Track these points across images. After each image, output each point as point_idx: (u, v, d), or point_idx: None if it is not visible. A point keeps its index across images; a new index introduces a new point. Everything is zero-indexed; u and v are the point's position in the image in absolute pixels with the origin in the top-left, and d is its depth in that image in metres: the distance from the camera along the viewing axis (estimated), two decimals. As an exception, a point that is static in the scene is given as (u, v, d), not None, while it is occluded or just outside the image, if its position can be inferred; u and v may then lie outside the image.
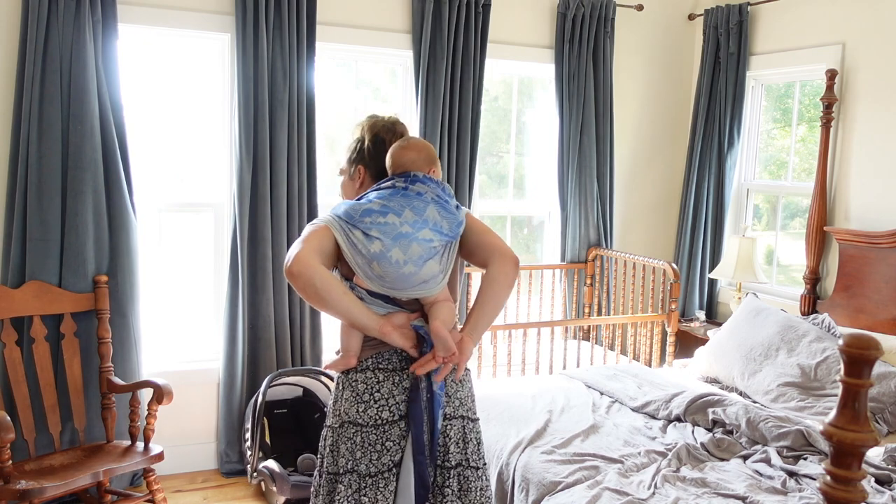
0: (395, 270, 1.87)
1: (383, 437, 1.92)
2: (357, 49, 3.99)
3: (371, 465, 1.92)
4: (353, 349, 1.97)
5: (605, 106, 4.44)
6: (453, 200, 2.02)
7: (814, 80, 4.19)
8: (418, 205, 1.93)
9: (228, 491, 3.64)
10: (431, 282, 1.91)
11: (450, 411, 1.99)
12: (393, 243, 1.88)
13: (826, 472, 1.21)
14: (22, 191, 3.23)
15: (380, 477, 1.93)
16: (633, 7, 4.50)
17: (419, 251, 1.89)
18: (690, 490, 2.41)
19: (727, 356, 3.57)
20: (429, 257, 1.90)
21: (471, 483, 2.01)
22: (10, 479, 2.72)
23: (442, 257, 1.94)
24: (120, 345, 3.43)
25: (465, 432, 2.02)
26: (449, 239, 1.96)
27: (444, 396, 1.98)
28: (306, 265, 1.81)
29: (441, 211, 1.95)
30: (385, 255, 1.87)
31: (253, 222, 3.65)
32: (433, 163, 2.06)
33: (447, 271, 1.96)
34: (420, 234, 1.90)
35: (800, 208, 4.35)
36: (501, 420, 2.96)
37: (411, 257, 1.88)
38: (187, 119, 3.83)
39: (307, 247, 1.85)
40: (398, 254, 1.87)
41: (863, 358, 1.17)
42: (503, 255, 1.95)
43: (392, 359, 1.96)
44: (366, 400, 1.94)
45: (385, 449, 1.93)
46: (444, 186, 2.02)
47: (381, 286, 1.91)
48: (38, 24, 3.16)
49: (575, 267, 4.54)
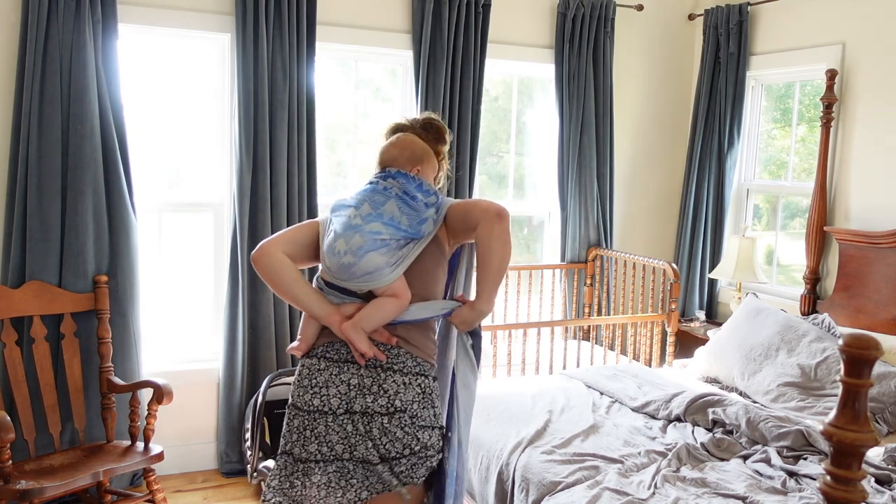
0: (336, 260, 1.96)
1: (312, 425, 1.96)
2: (357, 49, 3.99)
3: (301, 450, 1.97)
4: (306, 336, 2.04)
5: (605, 106, 4.44)
6: (432, 198, 2.03)
7: (814, 80, 4.19)
8: (378, 199, 2.00)
9: (228, 491, 3.64)
10: (376, 273, 1.93)
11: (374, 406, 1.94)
12: (341, 234, 1.97)
13: (826, 472, 1.21)
14: (22, 191, 3.23)
15: (307, 465, 1.96)
16: (633, 7, 4.50)
17: (360, 242, 1.94)
18: (690, 490, 2.41)
19: (727, 356, 3.57)
20: (371, 249, 1.93)
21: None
22: (10, 479, 2.72)
23: (393, 251, 1.95)
24: (120, 345, 3.43)
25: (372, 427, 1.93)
26: (407, 234, 1.97)
27: (365, 387, 1.95)
28: (264, 252, 1.97)
29: (403, 207, 1.98)
30: (332, 246, 1.97)
31: (253, 222, 3.65)
32: (418, 162, 2.09)
33: (397, 265, 1.95)
34: (368, 226, 1.95)
35: (800, 208, 4.35)
36: (501, 420, 2.96)
37: (351, 248, 1.94)
38: (187, 119, 3.83)
39: (276, 237, 2.03)
40: (342, 244, 1.96)
41: (863, 358, 1.17)
42: (484, 212, 1.93)
43: (341, 350, 1.99)
44: (304, 385, 1.99)
45: (313, 436, 1.95)
46: (422, 184, 2.04)
47: (332, 276, 1.99)
48: (38, 24, 3.16)
49: (575, 267, 4.54)
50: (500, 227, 1.91)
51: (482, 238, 1.93)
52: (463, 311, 2.04)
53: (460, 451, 2.02)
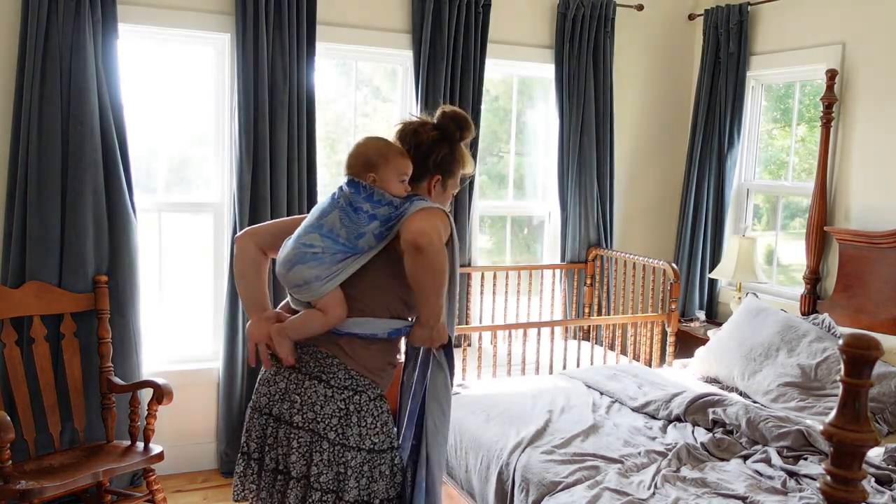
0: (277, 269, 1.99)
1: (252, 423, 2.01)
2: (357, 49, 3.99)
3: (246, 445, 2.02)
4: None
5: (605, 106, 4.44)
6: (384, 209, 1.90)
7: (814, 80, 4.19)
8: (326, 209, 1.95)
9: (228, 491, 3.64)
10: (305, 287, 1.90)
11: (297, 418, 1.92)
12: (287, 243, 1.98)
13: (826, 472, 1.21)
14: (22, 191, 3.23)
15: (251, 460, 2.01)
16: (633, 7, 4.49)
17: (290, 255, 1.94)
18: (690, 490, 2.41)
19: (727, 356, 3.56)
20: (298, 262, 1.90)
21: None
22: (10, 479, 2.72)
23: (327, 265, 1.88)
24: (120, 345, 3.43)
25: (312, 448, 1.90)
26: (345, 249, 1.89)
27: (284, 395, 1.96)
28: (237, 239, 2.07)
29: (344, 218, 1.90)
30: (279, 254, 2.00)
31: (253, 222, 3.64)
32: (371, 168, 1.93)
33: (329, 279, 1.88)
34: (305, 237, 1.93)
35: (800, 208, 4.35)
36: (501, 420, 2.96)
37: (284, 259, 1.95)
38: (187, 119, 3.83)
39: (257, 226, 2.13)
40: (281, 253, 1.98)
41: (863, 358, 1.17)
42: (405, 244, 1.81)
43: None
44: (258, 382, 2.05)
45: (247, 433, 2.01)
46: (373, 194, 1.90)
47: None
48: (38, 24, 3.16)
49: (575, 267, 4.54)
50: (421, 258, 1.79)
51: (407, 267, 1.82)
52: (415, 331, 1.93)
53: (429, 465, 1.95)
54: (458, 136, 2.04)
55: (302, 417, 1.90)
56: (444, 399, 1.99)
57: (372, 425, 1.90)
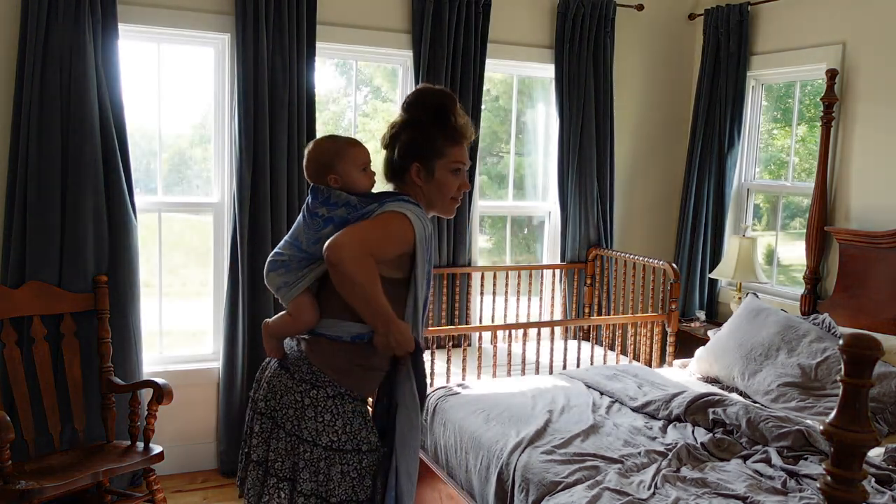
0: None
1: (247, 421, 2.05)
2: (357, 49, 3.99)
3: (244, 441, 2.04)
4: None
5: (605, 106, 4.44)
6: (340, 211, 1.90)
7: (814, 80, 4.19)
8: (298, 217, 2.01)
9: (228, 491, 3.64)
10: (278, 293, 2.00)
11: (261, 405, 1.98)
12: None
13: (826, 473, 1.21)
14: (22, 191, 3.23)
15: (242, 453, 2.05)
16: (633, 7, 4.49)
17: (267, 264, 2.02)
18: (691, 490, 2.41)
19: (727, 356, 3.56)
20: (270, 270, 2.00)
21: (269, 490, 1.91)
22: (10, 479, 2.72)
23: (293, 272, 1.96)
24: (120, 345, 3.43)
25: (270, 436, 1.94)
26: (307, 256, 1.93)
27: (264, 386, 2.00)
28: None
29: (303, 224, 1.96)
30: None
31: (253, 222, 3.65)
32: (329, 170, 1.94)
33: (293, 285, 1.95)
34: (279, 247, 2.02)
35: (800, 208, 4.35)
36: (501, 420, 2.96)
37: (265, 267, 2.03)
38: (187, 119, 3.83)
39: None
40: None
41: (863, 358, 1.17)
42: (324, 257, 1.80)
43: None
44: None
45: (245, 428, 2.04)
46: (329, 197, 1.91)
47: None
48: (37, 25, 3.16)
49: (575, 267, 4.54)
50: (333, 271, 1.78)
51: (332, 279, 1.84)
52: (375, 337, 1.90)
53: (398, 475, 1.90)
54: (426, 115, 1.95)
55: (265, 405, 1.96)
56: (412, 408, 1.94)
57: (331, 423, 1.88)
